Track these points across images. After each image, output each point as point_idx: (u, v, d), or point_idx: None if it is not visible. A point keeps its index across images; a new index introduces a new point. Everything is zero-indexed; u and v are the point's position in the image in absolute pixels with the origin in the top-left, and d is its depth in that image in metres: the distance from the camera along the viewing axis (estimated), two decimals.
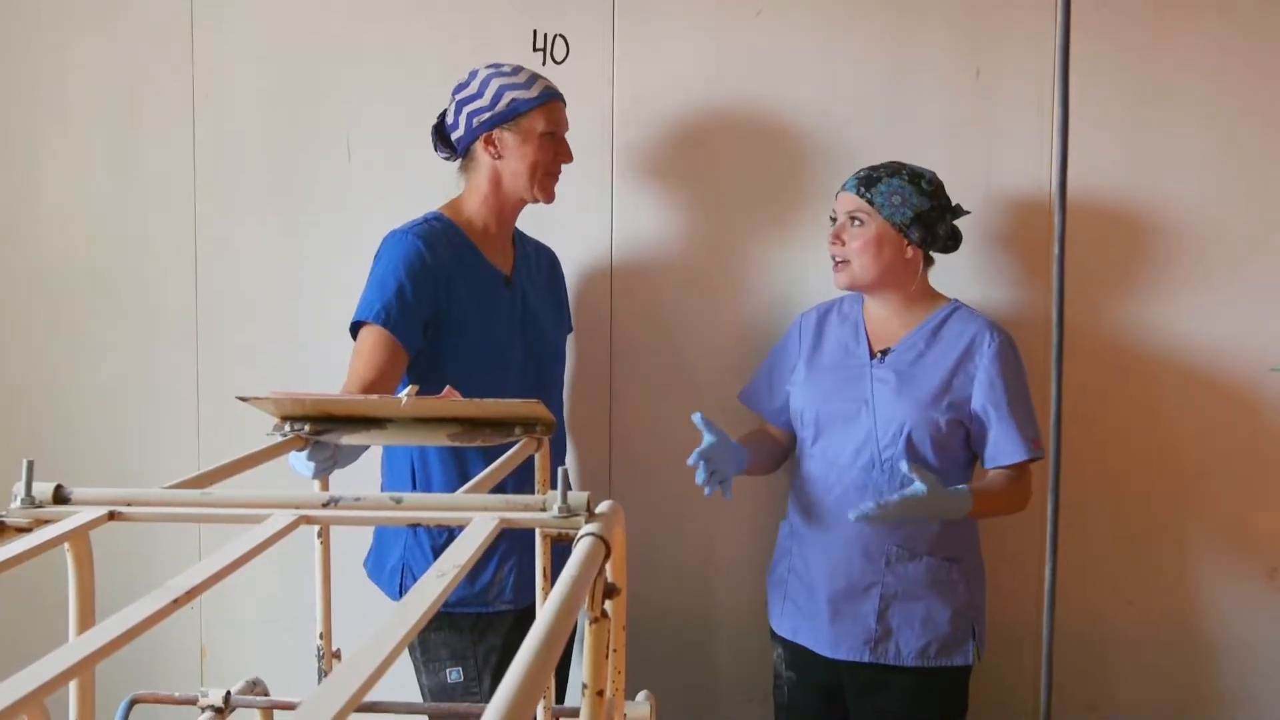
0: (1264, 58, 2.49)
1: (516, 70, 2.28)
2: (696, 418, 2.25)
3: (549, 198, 2.31)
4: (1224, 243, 2.53)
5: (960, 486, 2.17)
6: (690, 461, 2.24)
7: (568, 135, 2.33)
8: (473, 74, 2.28)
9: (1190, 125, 2.52)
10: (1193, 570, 2.62)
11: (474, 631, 2.27)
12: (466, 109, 2.26)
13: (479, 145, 2.27)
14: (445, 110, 2.33)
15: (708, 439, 2.25)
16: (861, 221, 2.29)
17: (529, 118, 2.25)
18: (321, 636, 1.58)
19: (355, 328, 2.17)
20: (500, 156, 2.26)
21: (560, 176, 2.34)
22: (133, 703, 1.50)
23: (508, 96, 2.23)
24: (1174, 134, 2.52)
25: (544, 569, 1.38)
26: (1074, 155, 2.44)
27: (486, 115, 2.24)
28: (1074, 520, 2.59)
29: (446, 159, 2.36)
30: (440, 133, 2.34)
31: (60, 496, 1.05)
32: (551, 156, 2.29)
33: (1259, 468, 2.57)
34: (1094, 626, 2.64)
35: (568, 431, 2.62)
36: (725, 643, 2.74)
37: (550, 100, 2.28)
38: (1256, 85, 2.50)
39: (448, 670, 2.28)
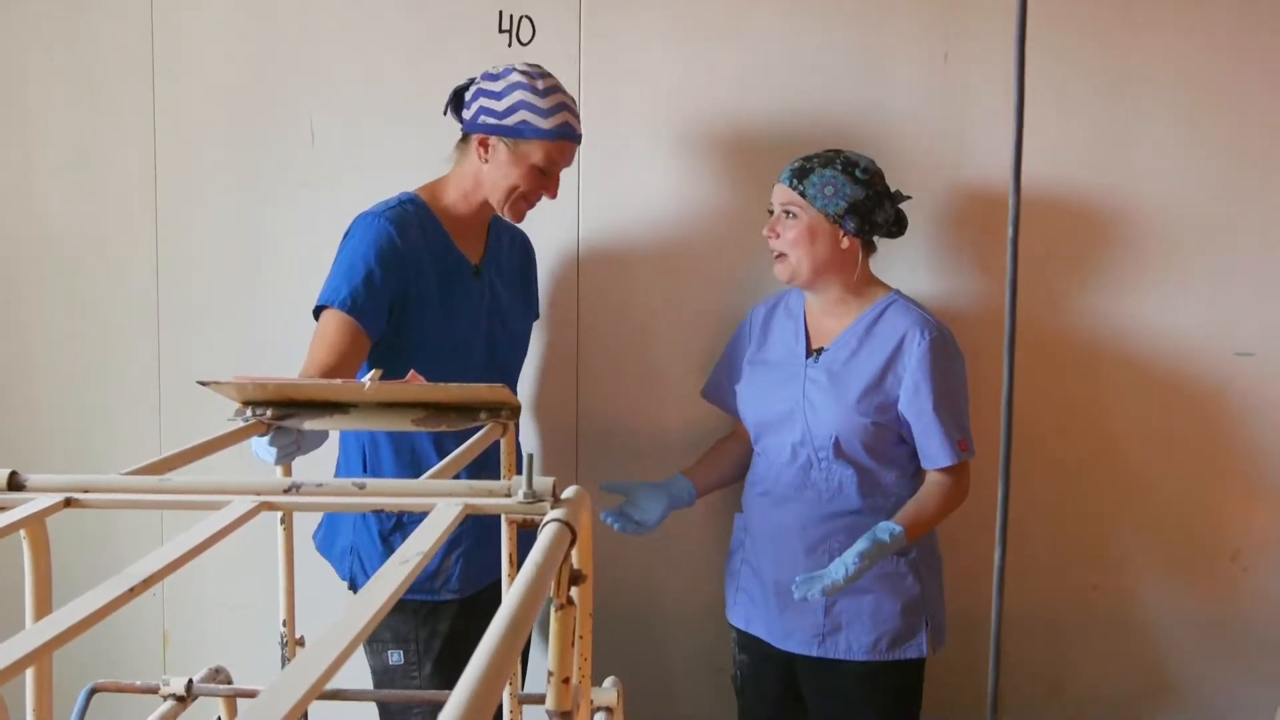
0: (1230, 45, 2.51)
1: (549, 92, 2.18)
2: (603, 487, 2.43)
3: (518, 219, 2.28)
4: (1189, 228, 2.55)
5: (896, 528, 2.17)
6: (604, 518, 2.38)
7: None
8: (506, 70, 2.19)
9: (1156, 112, 2.53)
10: (1157, 554, 2.64)
11: (418, 616, 2.26)
12: (481, 101, 2.19)
13: (474, 140, 2.22)
14: (469, 81, 2.25)
15: (631, 498, 2.42)
16: (794, 214, 2.27)
17: (530, 145, 2.17)
18: (285, 623, 1.57)
19: (319, 310, 2.14)
20: (487, 162, 2.21)
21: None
22: (93, 691, 1.48)
23: (520, 115, 2.15)
24: (1139, 121, 2.54)
25: (510, 555, 1.37)
26: (1038, 143, 2.45)
27: (492, 120, 2.17)
28: (1037, 507, 2.60)
29: (454, 120, 2.29)
30: (457, 100, 2.26)
31: (15, 483, 1.04)
32: (533, 187, 2.22)
33: (1222, 451, 2.59)
34: (1059, 611, 2.66)
35: (524, 417, 2.61)
36: (691, 629, 2.74)
37: (562, 139, 2.19)
38: (1222, 73, 2.51)
39: (389, 652, 2.27)
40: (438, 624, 2.27)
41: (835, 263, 2.29)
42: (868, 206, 2.26)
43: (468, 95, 2.24)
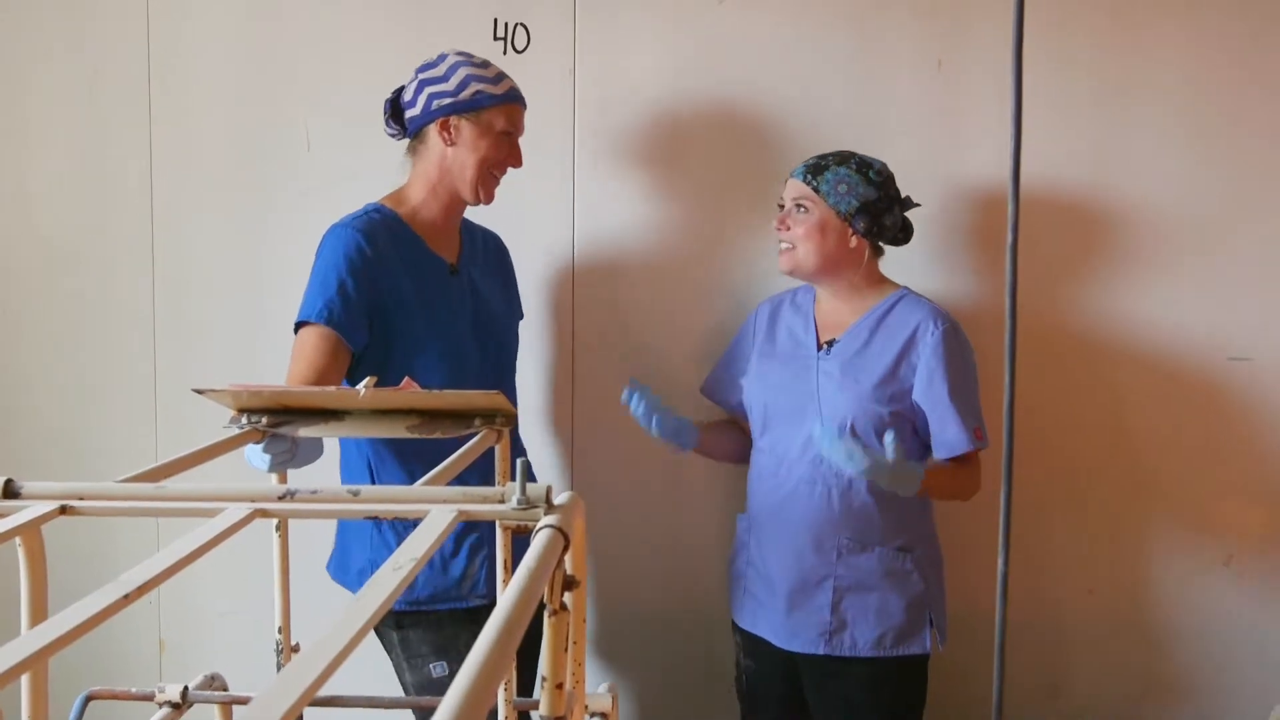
0: (1227, 49, 2.52)
1: (485, 64, 2.25)
2: (629, 384, 2.34)
3: (489, 198, 2.28)
4: (1185, 233, 2.55)
5: (919, 467, 2.19)
6: (624, 398, 2.33)
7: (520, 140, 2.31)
8: (441, 57, 2.25)
9: (1154, 116, 2.54)
10: (1151, 559, 2.65)
11: (454, 624, 2.24)
12: (429, 90, 2.22)
13: (433, 129, 2.23)
14: (403, 86, 2.28)
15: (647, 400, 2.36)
16: (806, 209, 2.29)
17: (490, 113, 2.22)
18: (280, 630, 1.57)
19: (298, 327, 2.13)
20: (453, 144, 2.22)
21: (503, 180, 2.31)
22: (88, 699, 1.48)
23: (474, 87, 2.20)
24: (1136, 125, 2.54)
25: (504, 561, 1.37)
26: (1035, 146, 2.46)
27: (448, 100, 2.20)
28: (1033, 509, 2.61)
29: (393, 136, 2.32)
30: (395, 108, 2.30)
31: (11, 490, 1.04)
32: (503, 157, 2.26)
33: (1216, 456, 2.60)
34: (1054, 615, 2.66)
35: (519, 421, 2.61)
36: (690, 633, 2.74)
37: (514, 102, 2.26)
38: (1220, 75, 2.52)
39: (432, 666, 2.25)
40: (475, 628, 2.24)
41: (841, 260, 2.31)
42: (879, 208, 2.29)
43: (407, 95, 2.26)
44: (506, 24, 2.56)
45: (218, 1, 2.70)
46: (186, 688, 1.52)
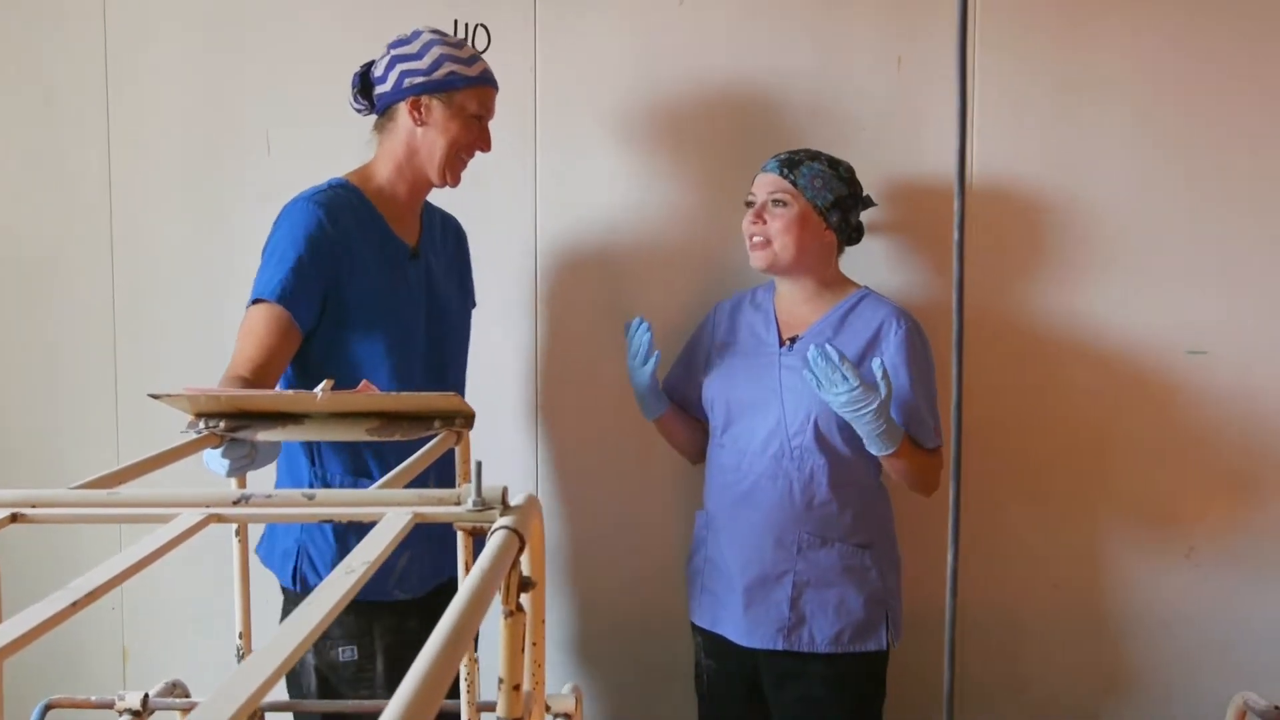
0: (1179, 43, 2.55)
1: (460, 44, 2.21)
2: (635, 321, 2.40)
3: (455, 181, 2.25)
4: (1141, 228, 2.58)
5: (899, 429, 2.22)
6: (632, 326, 2.39)
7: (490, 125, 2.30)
8: (415, 34, 2.20)
9: (1106, 111, 2.56)
10: (1114, 552, 2.67)
11: (371, 613, 2.18)
12: (400, 66, 2.17)
13: (403, 107, 2.19)
14: (374, 61, 2.24)
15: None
16: (784, 202, 2.31)
17: (463, 94, 2.18)
18: (240, 635, 1.56)
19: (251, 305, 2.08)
20: (423, 123, 2.18)
21: (471, 164, 2.28)
22: (48, 708, 1.47)
23: (447, 67, 2.16)
24: (1089, 120, 2.57)
25: (464, 563, 1.37)
26: (987, 142, 2.48)
27: (420, 79, 2.16)
28: (994, 505, 2.63)
29: (360, 111, 2.28)
30: (364, 82, 2.25)
31: None
32: (473, 140, 2.22)
33: (1177, 450, 2.63)
34: (1017, 610, 2.68)
35: (481, 417, 2.59)
36: (655, 632, 2.74)
37: (487, 84, 2.22)
38: (1172, 70, 2.55)
39: (340, 649, 2.17)
40: (391, 619, 2.19)
41: (815, 254, 2.33)
42: (848, 205, 2.34)
43: (378, 70, 2.22)
44: (467, 25, 2.56)
45: (176, 5, 2.68)
46: (147, 695, 1.51)
